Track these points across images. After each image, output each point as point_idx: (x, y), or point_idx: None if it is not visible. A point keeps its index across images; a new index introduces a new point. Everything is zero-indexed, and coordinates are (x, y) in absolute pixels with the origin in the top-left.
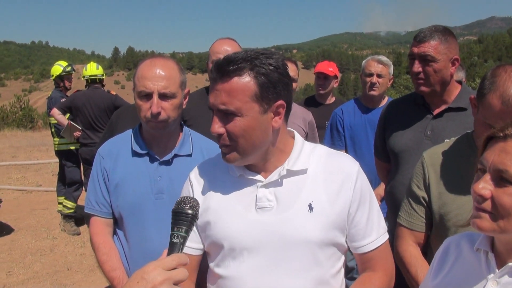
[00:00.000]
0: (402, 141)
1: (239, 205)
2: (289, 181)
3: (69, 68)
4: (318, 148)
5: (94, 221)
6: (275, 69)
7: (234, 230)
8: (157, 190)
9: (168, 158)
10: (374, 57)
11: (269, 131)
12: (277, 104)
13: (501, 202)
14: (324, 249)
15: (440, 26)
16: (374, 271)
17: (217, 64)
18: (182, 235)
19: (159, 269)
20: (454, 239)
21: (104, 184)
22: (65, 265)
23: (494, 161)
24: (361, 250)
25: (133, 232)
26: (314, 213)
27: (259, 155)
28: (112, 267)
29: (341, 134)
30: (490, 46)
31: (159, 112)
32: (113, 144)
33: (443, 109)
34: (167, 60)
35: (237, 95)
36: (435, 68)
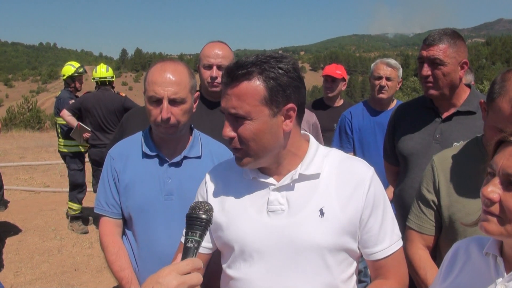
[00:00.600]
0: (411, 145)
1: (251, 208)
2: (301, 185)
3: (81, 69)
4: (333, 152)
5: (104, 222)
6: (285, 72)
7: (245, 232)
8: (167, 192)
9: (178, 160)
10: (383, 60)
11: (279, 134)
12: (287, 107)
13: (509, 206)
14: (335, 255)
15: (449, 30)
16: (386, 278)
17: (228, 69)
18: (196, 240)
19: (174, 273)
20: (463, 243)
21: (114, 185)
22: (73, 265)
23: (503, 165)
24: (374, 257)
25: (142, 233)
26: (325, 218)
27: (271, 158)
28: (121, 267)
29: (349, 136)
30: (498, 48)
31: (169, 118)
32: (124, 145)
33: (452, 113)
34: (177, 64)
35: (246, 99)
36: (444, 72)
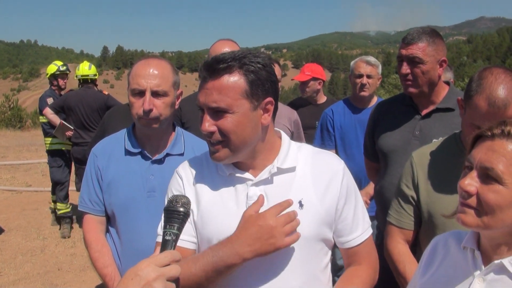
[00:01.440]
0: (391, 142)
1: (231, 204)
2: (279, 179)
3: (64, 67)
4: (304, 147)
5: (87, 219)
6: (263, 67)
7: (226, 229)
8: (149, 188)
9: (160, 157)
10: (362, 58)
11: (258, 127)
12: (266, 101)
13: (486, 198)
14: (314, 245)
15: (428, 28)
16: (359, 264)
17: (207, 64)
18: (174, 233)
19: (152, 265)
20: (442, 237)
21: (97, 183)
22: (56, 265)
23: (481, 159)
24: (348, 244)
25: (125, 230)
26: (305, 210)
27: (248, 153)
28: (104, 264)
29: (331, 134)
30: (479, 46)
31: (151, 109)
32: (107, 143)
33: (431, 110)
34: (161, 61)
35: (227, 92)
36: (423, 70)
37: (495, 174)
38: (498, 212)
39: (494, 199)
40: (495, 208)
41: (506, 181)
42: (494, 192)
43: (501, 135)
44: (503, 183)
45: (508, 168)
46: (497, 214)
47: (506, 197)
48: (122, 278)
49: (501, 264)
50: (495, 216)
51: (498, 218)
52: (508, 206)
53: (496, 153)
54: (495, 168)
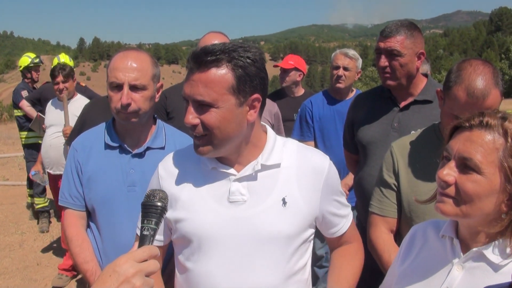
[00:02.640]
0: (370, 134)
1: (211, 199)
2: (262, 175)
3: (37, 60)
4: (289, 142)
5: (68, 214)
6: (253, 62)
7: (205, 225)
8: (130, 183)
9: (141, 151)
10: (342, 50)
11: (243, 124)
12: (253, 98)
13: (464, 188)
14: (295, 243)
15: (406, 21)
16: (350, 243)
17: (195, 55)
18: (152, 227)
19: (130, 261)
20: (421, 226)
21: (77, 177)
22: (35, 260)
23: (459, 149)
24: (337, 234)
25: (106, 225)
26: (288, 208)
27: (232, 148)
28: (85, 259)
29: (310, 125)
30: (455, 39)
31: (129, 103)
32: (87, 137)
33: (409, 102)
34: (140, 53)
35: (214, 86)
36: (401, 62)
37: (474, 164)
38: (476, 201)
39: (472, 188)
40: (473, 197)
41: (484, 170)
42: (472, 182)
43: (479, 125)
44: (481, 173)
45: (486, 158)
46: (476, 203)
47: (484, 186)
48: (101, 274)
49: (480, 252)
50: (473, 205)
51: (476, 207)
52: (486, 195)
53: (474, 144)
54: (473, 158)
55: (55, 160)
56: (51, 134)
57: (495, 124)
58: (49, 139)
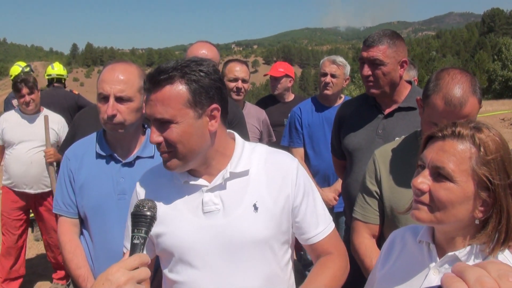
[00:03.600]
0: (356, 140)
1: (186, 212)
2: (233, 183)
3: (27, 68)
4: (258, 147)
5: (61, 221)
6: (206, 75)
7: (184, 237)
8: (120, 191)
9: (131, 160)
10: (329, 57)
11: (206, 135)
12: (211, 108)
13: (437, 195)
14: (273, 246)
15: (388, 30)
16: (329, 253)
17: (149, 76)
18: (142, 236)
19: (122, 269)
20: (400, 232)
21: (70, 185)
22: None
23: (433, 159)
24: (311, 241)
25: (97, 232)
26: (259, 213)
27: (199, 160)
28: (78, 265)
29: (299, 132)
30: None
31: (114, 115)
32: (79, 146)
33: (393, 109)
34: (128, 65)
35: (170, 103)
36: (384, 71)
37: (446, 172)
38: (450, 208)
39: (445, 196)
40: (447, 204)
41: (457, 179)
42: (445, 189)
43: (452, 135)
44: (454, 181)
45: (458, 167)
46: (449, 209)
47: (457, 193)
48: (94, 283)
49: (455, 256)
50: (447, 211)
51: (450, 213)
52: (459, 202)
53: (446, 153)
54: (446, 167)
55: (37, 178)
56: (28, 151)
57: (467, 134)
58: (28, 156)
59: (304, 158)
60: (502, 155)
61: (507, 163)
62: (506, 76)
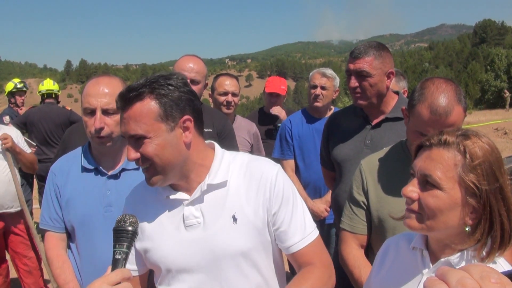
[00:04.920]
0: (344, 151)
1: (169, 226)
2: (211, 195)
3: (21, 84)
4: (240, 156)
5: (48, 236)
6: (175, 88)
7: (168, 252)
8: (106, 204)
9: (116, 173)
10: (319, 70)
11: (181, 146)
12: (183, 119)
13: (426, 203)
14: (254, 257)
15: (374, 42)
16: (311, 264)
17: (120, 94)
18: (124, 251)
19: (104, 285)
20: (393, 239)
21: (56, 200)
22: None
23: (421, 167)
24: (290, 250)
25: (84, 245)
26: (239, 224)
27: (178, 173)
28: (66, 280)
29: (290, 144)
30: (440, 52)
31: (102, 127)
32: (65, 161)
33: (381, 119)
34: (112, 78)
35: (142, 119)
36: (371, 83)
37: (433, 180)
38: (439, 215)
39: (434, 203)
40: (436, 212)
41: (444, 186)
42: (433, 197)
43: (438, 144)
44: (442, 188)
45: (445, 174)
46: (439, 217)
47: (445, 201)
48: None
49: (448, 262)
50: (437, 219)
51: (439, 220)
52: (448, 209)
53: (433, 161)
54: (432, 174)
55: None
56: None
57: (453, 142)
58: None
59: (295, 170)
60: (490, 161)
61: (495, 169)
62: (499, 86)
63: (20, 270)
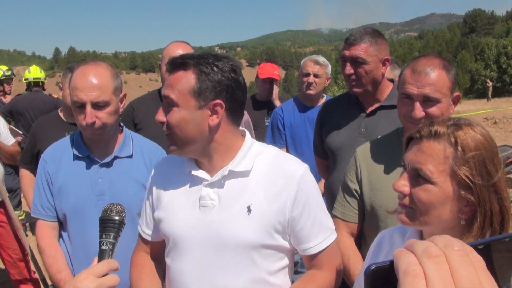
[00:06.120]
0: (338, 139)
1: (185, 202)
2: (231, 182)
3: (9, 72)
4: (268, 150)
5: (40, 225)
6: (219, 71)
7: (178, 226)
8: (99, 192)
9: (108, 161)
10: (311, 57)
11: (203, 127)
12: (214, 103)
13: (418, 197)
14: (261, 251)
15: (370, 29)
16: (320, 269)
17: (170, 59)
18: (110, 242)
19: (90, 276)
20: (388, 232)
21: (48, 188)
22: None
23: (411, 161)
24: (308, 252)
25: (76, 234)
26: (252, 215)
27: (198, 150)
28: (58, 270)
29: (281, 132)
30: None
31: (93, 122)
32: (56, 148)
33: (375, 107)
34: (99, 67)
35: (177, 86)
36: (366, 70)
37: (424, 174)
38: (431, 209)
39: (425, 197)
40: (428, 206)
41: (435, 180)
42: (425, 191)
43: (429, 136)
44: (433, 182)
45: (437, 167)
46: (431, 211)
47: (437, 194)
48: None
49: None
50: (429, 213)
51: (432, 215)
52: (440, 203)
53: (424, 154)
54: (423, 168)
55: None
56: None
57: (444, 133)
58: None
59: None
60: (483, 153)
61: (488, 161)
62: (489, 76)
63: (5, 261)
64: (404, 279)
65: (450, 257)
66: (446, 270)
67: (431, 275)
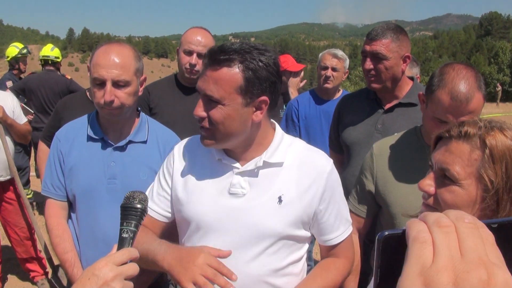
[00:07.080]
0: (354, 134)
1: (213, 188)
2: (264, 172)
3: (25, 50)
4: (296, 142)
5: (49, 204)
6: (265, 66)
7: (203, 211)
8: (110, 175)
9: (122, 144)
10: (330, 50)
11: (248, 123)
12: (260, 100)
13: (443, 198)
14: (285, 241)
15: (392, 24)
16: (337, 257)
17: (211, 51)
18: (132, 230)
19: (110, 264)
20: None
21: (59, 167)
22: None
23: (439, 160)
24: (329, 243)
25: (85, 216)
26: (282, 206)
27: (236, 144)
28: (65, 250)
29: (296, 124)
30: (445, 42)
31: (112, 100)
32: (71, 127)
33: (394, 104)
34: (123, 47)
35: (223, 84)
36: (386, 66)
37: (451, 175)
38: None
39: (450, 199)
40: (452, 208)
41: (462, 181)
42: (450, 192)
43: (458, 136)
44: (459, 184)
45: (464, 169)
46: None
47: (462, 197)
48: (80, 277)
49: None
50: None
51: None
52: (464, 205)
53: (452, 155)
54: (450, 169)
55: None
56: None
57: (474, 134)
58: None
59: None
60: (509, 160)
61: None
62: (501, 80)
63: (11, 239)
64: (413, 244)
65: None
66: (454, 239)
67: (438, 242)
